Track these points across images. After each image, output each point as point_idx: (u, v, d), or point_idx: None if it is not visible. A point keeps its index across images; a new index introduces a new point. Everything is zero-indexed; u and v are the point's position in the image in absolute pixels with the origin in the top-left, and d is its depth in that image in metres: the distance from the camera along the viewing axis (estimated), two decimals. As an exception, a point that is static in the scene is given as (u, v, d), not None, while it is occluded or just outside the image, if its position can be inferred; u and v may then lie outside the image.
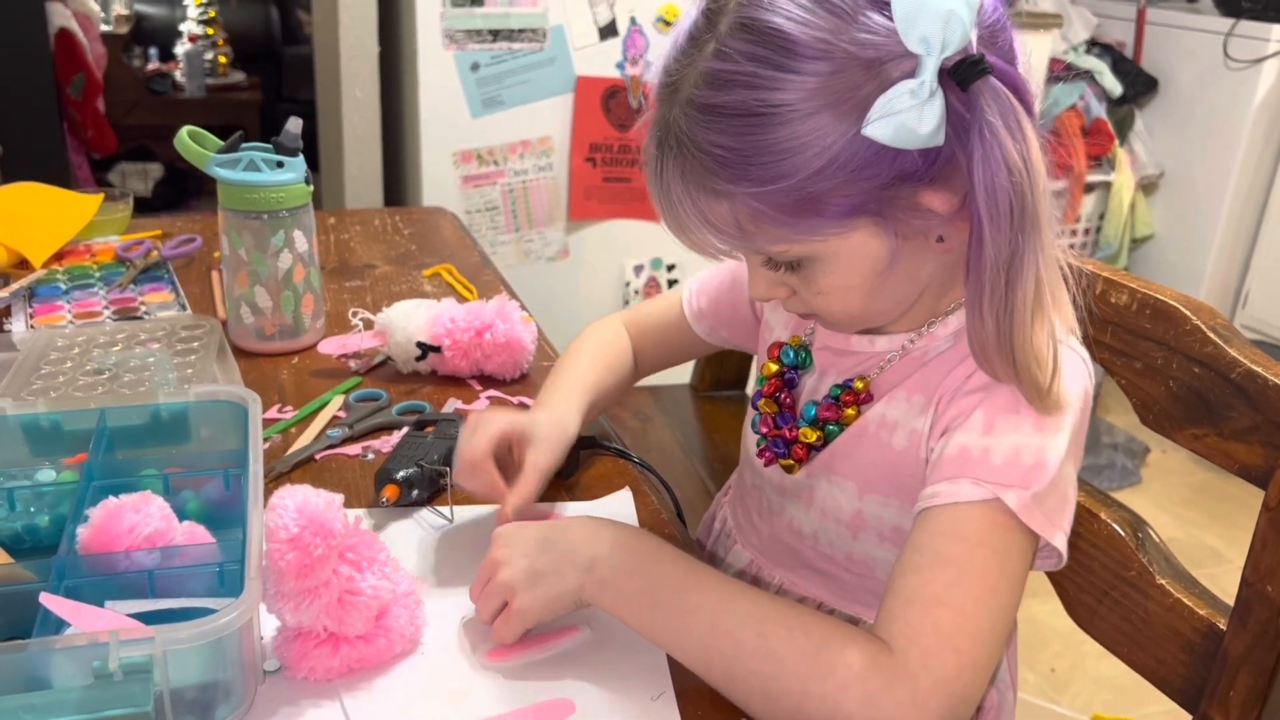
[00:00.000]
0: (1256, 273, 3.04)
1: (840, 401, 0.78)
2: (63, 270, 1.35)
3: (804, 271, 0.71)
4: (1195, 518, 2.52)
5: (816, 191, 0.64)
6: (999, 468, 0.67)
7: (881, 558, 0.79)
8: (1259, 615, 0.74)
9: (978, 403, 0.69)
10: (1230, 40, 2.88)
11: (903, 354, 0.77)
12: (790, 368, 0.84)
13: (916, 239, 0.69)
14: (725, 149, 0.64)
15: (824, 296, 0.72)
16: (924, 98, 0.60)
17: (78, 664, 0.57)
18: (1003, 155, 0.61)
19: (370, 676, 0.70)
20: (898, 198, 0.65)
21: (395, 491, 0.88)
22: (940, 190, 0.66)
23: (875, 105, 0.61)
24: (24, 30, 2.66)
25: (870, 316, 0.75)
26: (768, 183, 0.63)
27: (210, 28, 4.48)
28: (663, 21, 2.29)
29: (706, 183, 0.66)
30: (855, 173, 0.63)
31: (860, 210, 0.65)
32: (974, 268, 0.65)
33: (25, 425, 0.82)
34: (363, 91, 2.41)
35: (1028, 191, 0.62)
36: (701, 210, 0.68)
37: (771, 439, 0.83)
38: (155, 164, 4.33)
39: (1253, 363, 0.76)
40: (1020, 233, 0.62)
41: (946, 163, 0.64)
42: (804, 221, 0.65)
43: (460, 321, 1.10)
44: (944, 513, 0.67)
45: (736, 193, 0.65)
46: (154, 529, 0.70)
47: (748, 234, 0.67)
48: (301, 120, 1.15)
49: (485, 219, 2.34)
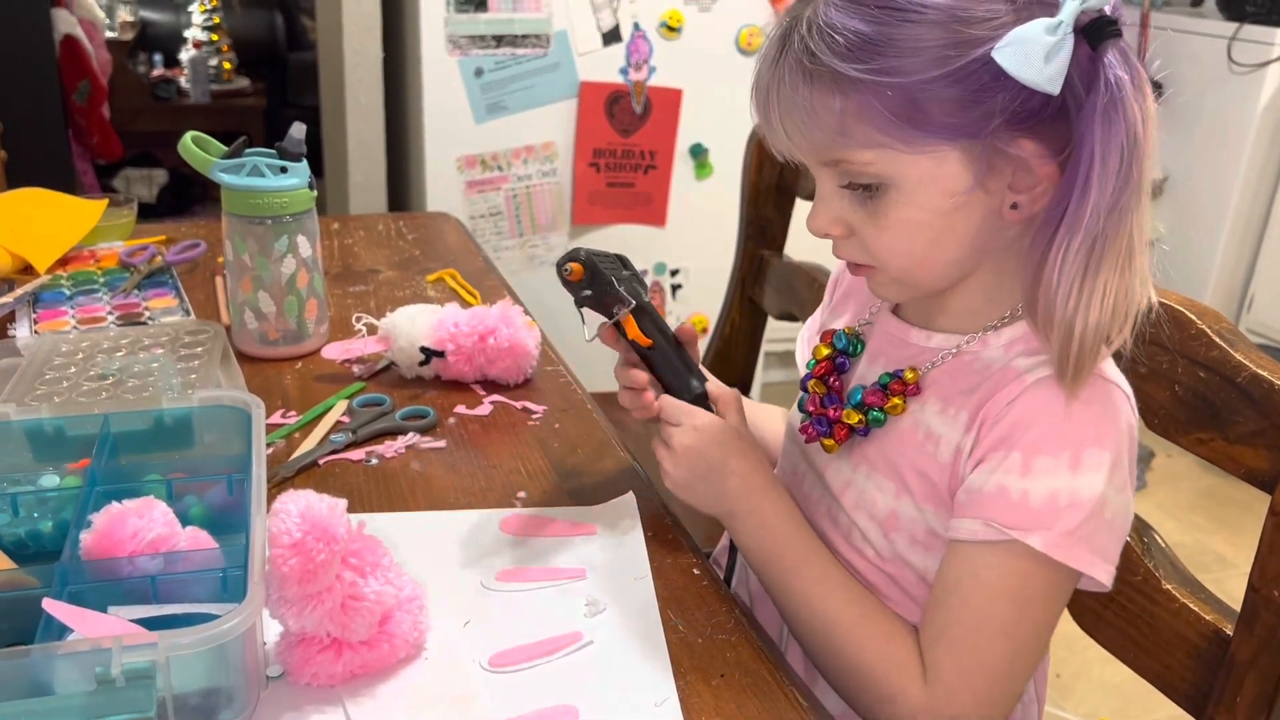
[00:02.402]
0: (1261, 276, 3.03)
1: (888, 390, 0.79)
2: (67, 276, 1.36)
3: (877, 201, 0.72)
4: (1201, 522, 2.52)
5: (929, 99, 0.66)
6: (1035, 511, 0.69)
7: (912, 560, 0.79)
8: (1266, 620, 0.74)
9: (1015, 442, 0.70)
10: (1234, 44, 2.88)
11: (956, 355, 0.77)
12: (841, 353, 0.85)
13: (995, 194, 0.71)
14: (858, 34, 0.66)
15: (889, 233, 0.73)
16: (1058, 37, 0.63)
17: (80, 670, 0.57)
18: (1124, 113, 0.64)
19: (373, 682, 0.70)
20: (998, 135, 0.67)
21: (580, 271, 0.86)
22: (1038, 143, 0.68)
23: (1011, 33, 0.64)
24: (29, 37, 2.66)
25: (925, 269, 0.75)
26: (890, 74, 0.66)
27: (215, 34, 4.49)
28: (666, 27, 2.29)
29: (831, 66, 0.67)
30: (971, 93, 0.66)
31: (960, 133, 0.67)
32: (1070, 217, 0.67)
33: (29, 431, 0.82)
34: (367, 97, 2.41)
35: (1140, 155, 0.65)
36: (811, 103, 0.69)
37: (816, 417, 0.84)
38: (160, 170, 4.34)
39: (1258, 367, 0.76)
40: (1122, 192, 0.65)
41: (1054, 116, 0.67)
42: (906, 130, 0.67)
43: (464, 326, 1.10)
44: (967, 552, 0.72)
45: (858, 80, 0.67)
46: (157, 534, 0.70)
47: (846, 134, 0.69)
48: (305, 126, 1.15)
49: (489, 224, 2.34)
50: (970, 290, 0.77)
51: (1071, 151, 0.67)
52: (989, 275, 0.76)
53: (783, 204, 1.51)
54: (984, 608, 0.71)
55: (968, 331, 0.77)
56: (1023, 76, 0.64)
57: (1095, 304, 0.67)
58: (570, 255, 0.87)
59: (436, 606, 0.76)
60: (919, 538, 0.78)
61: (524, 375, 1.13)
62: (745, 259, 1.56)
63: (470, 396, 1.11)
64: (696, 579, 0.82)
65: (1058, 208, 0.68)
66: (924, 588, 0.79)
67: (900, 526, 0.79)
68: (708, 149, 2.41)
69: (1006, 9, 0.65)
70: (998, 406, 0.72)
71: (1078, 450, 0.69)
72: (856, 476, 0.82)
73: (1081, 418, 0.70)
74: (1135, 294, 0.69)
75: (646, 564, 0.83)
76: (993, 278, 0.76)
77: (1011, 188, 0.71)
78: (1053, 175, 0.69)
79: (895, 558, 0.80)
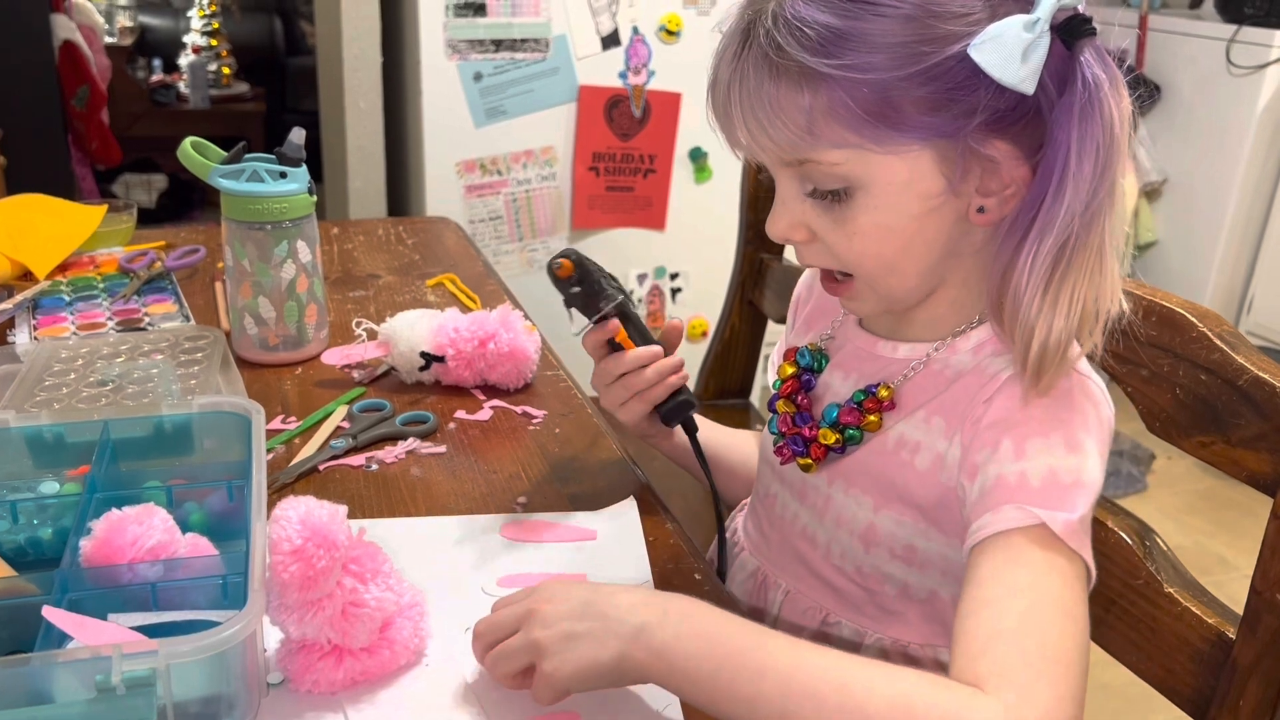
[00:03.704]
0: (1261, 278, 3.04)
1: (863, 408, 0.78)
2: (66, 282, 1.35)
3: (845, 205, 0.70)
4: (1203, 525, 2.51)
5: (902, 97, 0.64)
6: (1038, 490, 0.66)
7: (891, 574, 0.78)
8: (1268, 624, 0.74)
9: (1002, 433, 0.69)
10: (1233, 46, 2.88)
11: (925, 364, 0.76)
12: (806, 370, 0.84)
13: (964, 197, 0.69)
14: (827, 27, 0.64)
15: (859, 238, 0.70)
16: (1035, 34, 0.62)
17: (80, 678, 0.57)
18: (1101, 112, 0.64)
19: (374, 689, 0.69)
20: (971, 135, 0.66)
21: (570, 268, 0.87)
22: (1011, 144, 0.67)
23: (987, 29, 0.62)
24: (29, 42, 2.67)
25: (898, 278, 0.73)
26: (860, 70, 0.64)
27: (214, 39, 4.50)
28: (665, 31, 2.29)
29: (798, 61, 0.65)
30: (946, 91, 0.64)
31: (936, 132, 0.65)
32: (1042, 218, 0.65)
33: (29, 437, 0.82)
34: (366, 102, 2.41)
35: (1115, 156, 0.64)
36: (777, 100, 0.67)
37: (790, 437, 0.82)
38: (159, 175, 4.35)
39: (1259, 369, 0.76)
40: (1096, 194, 0.64)
41: (1026, 116, 0.66)
42: (877, 128, 0.65)
43: (464, 331, 1.10)
44: (998, 543, 0.65)
45: (826, 76, 0.64)
46: (157, 541, 0.70)
47: (814, 133, 0.67)
48: (305, 131, 1.15)
49: (489, 228, 2.34)
50: (936, 299, 0.76)
51: (1044, 153, 0.66)
52: (955, 283, 0.75)
53: (782, 207, 1.51)
54: (1035, 586, 0.63)
55: (934, 339, 0.77)
56: (1000, 75, 0.62)
57: (1063, 309, 0.66)
58: (562, 253, 0.88)
59: (437, 613, 0.75)
60: (898, 551, 0.77)
61: (524, 380, 1.13)
62: (745, 262, 1.56)
63: (470, 401, 1.11)
64: (698, 584, 0.82)
65: (1028, 210, 0.67)
66: (904, 602, 0.78)
67: (879, 541, 0.78)
68: (707, 153, 2.41)
69: (981, 4, 0.64)
70: (976, 407, 0.71)
71: (1068, 431, 0.68)
72: (834, 493, 0.81)
73: (1064, 404, 0.69)
74: (1105, 299, 0.68)
75: (648, 569, 0.83)
76: (958, 286, 0.75)
77: (979, 190, 0.69)
78: (1024, 178, 0.68)
79: (875, 572, 0.79)
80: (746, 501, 0.98)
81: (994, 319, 0.70)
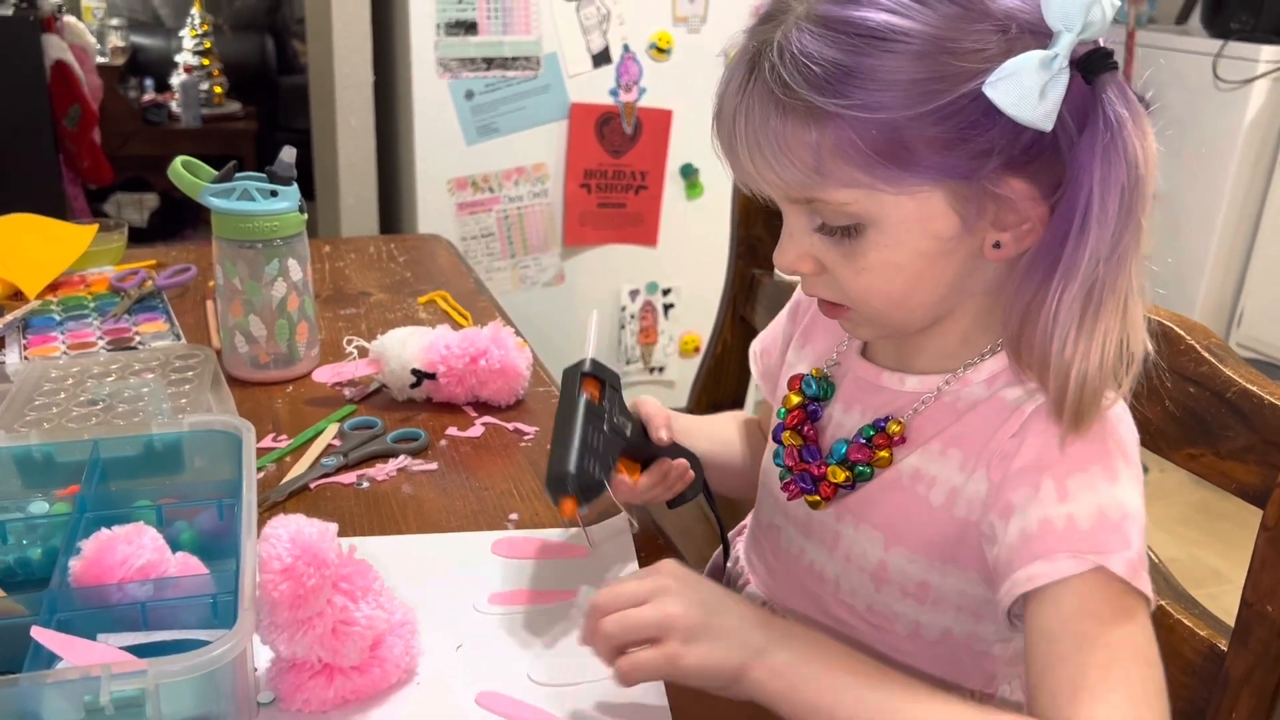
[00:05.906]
0: (1250, 291, 3.05)
1: (873, 443, 0.75)
2: (57, 301, 1.35)
3: (855, 241, 0.67)
4: (1194, 537, 2.52)
5: (912, 137, 0.62)
6: (1089, 533, 0.64)
7: (902, 612, 0.76)
8: (1260, 636, 0.74)
9: (1040, 474, 0.66)
10: (1219, 61, 2.90)
11: (936, 398, 0.74)
12: (812, 399, 0.81)
13: (978, 233, 0.67)
14: (835, 64, 0.61)
15: (867, 274, 0.68)
16: (1053, 72, 0.59)
17: (69, 698, 0.57)
18: (1124, 149, 0.61)
19: (365, 708, 0.69)
20: (985, 175, 0.63)
21: (574, 507, 0.75)
22: (1028, 181, 0.64)
23: (1004, 65, 0.59)
24: (20, 62, 2.67)
25: (902, 311, 0.71)
26: (870, 109, 0.61)
27: (206, 58, 4.50)
28: (655, 49, 2.30)
29: (805, 99, 0.62)
30: (959, 130, 0.61)
31: (949, 173, 0.63)
32: (1066, 260, 0.63)
33: (18, 457, 0.82)
34: (357, 120, 2.42)
35: (1141, 196, 0.62)
36: (784, 137, 0.64)
37: (798, 473, 0.79)
38: (151, 194, 4.34)
39: (1248, 382, 0.76)
40: (1123, 236, 0.62)
41: (1045, 154, 0.63)
42: (888, 168, 0.63)
43: (455, 348, 1.10)
44: (1058, 593, 0.64)
45: (835, 114, 0.62)
46: (147, 560, 0.70)
47: (823, 173, 0.64)
48: (296, 149, 1.15)
49: (480, 245, 2.35)
50: (946, 332, 0.74)
51: (1064, 191, 0.63)
52: (966, 317, 0.73)
53: (773, 223, 1.51)
54: (1110, 637, 0.62)
55: (943, 372, 0.74)
56: (1017, 113, 0.59)
57: (1096, 351, 0.63)
58: (552, 487, 0.75)
59: (428, 630, 0.75)
60: (910, 590, 0.75)
61: (515, 396, 1.13)
62: (737, 278, 1.56)
63: (462, 418, 1.10)
64: (690, 600, 0.81)
65: (1048, 251, 0.64)
66: (915, 642, 0.76)
67: (890, 579, 0.75)
68: (698, 169, 2.42)
69: (997, 40, 0.61)
70: (1002, 442, 0.68)
71: (1106, 460, 0.66)
72: (843, 529, 0.78)
73: (1096, 433, 0.66)
74: (1135, 341, 0.65)
75: (640, 585, 0.83)
76: (970, 320, 0.73)
77: (995, 225, 0.66)
78: (1042, 216, 0.65)
79: (886, 610, 0.77)
80: (746, 524, 0.96)
81: (1011, 355, 0.68)
